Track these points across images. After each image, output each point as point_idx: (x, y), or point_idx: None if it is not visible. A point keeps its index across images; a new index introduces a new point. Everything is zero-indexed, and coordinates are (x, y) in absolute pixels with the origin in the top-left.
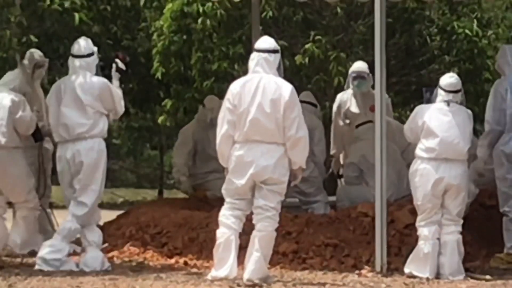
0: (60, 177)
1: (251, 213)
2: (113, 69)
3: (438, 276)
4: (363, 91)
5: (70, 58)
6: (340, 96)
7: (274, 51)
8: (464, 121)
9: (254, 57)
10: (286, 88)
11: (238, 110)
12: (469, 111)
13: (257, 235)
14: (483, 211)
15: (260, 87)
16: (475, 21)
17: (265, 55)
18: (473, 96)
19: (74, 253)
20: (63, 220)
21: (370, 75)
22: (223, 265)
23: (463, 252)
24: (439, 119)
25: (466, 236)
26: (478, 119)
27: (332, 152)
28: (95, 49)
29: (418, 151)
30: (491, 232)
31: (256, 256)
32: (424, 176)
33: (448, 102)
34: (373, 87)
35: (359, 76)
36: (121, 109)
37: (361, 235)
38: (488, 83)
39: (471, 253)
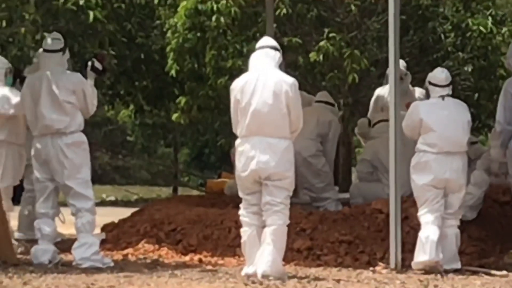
0: (35, 168)
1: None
2: (88, 68)
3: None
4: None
5: (42, 53)
6: (378, 91)
7: (273, 48)
8: (461, 113)
9: (255, 54)
10: (288, 81)
11: (241, 104)
12: (463, 103)
13: (268, 230)
14: (497, 208)
15: (261, 79)
16: (489, 18)
17: (265, 50)
18: (487, 93)
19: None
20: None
21: (408, 73)
22: (254, 260)
23: (459, 245)
24: (436, 115)
25: (481, 232)
26: (492, 115)
27: None
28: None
29: (420, 145)
30: (505, 228)
31: (268, 249)
32: (426, 169)
33: (443, 97)
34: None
35: None
36: (92, 108)
37: (376, 231)
38: (502, 80)
39: (486, 249)
